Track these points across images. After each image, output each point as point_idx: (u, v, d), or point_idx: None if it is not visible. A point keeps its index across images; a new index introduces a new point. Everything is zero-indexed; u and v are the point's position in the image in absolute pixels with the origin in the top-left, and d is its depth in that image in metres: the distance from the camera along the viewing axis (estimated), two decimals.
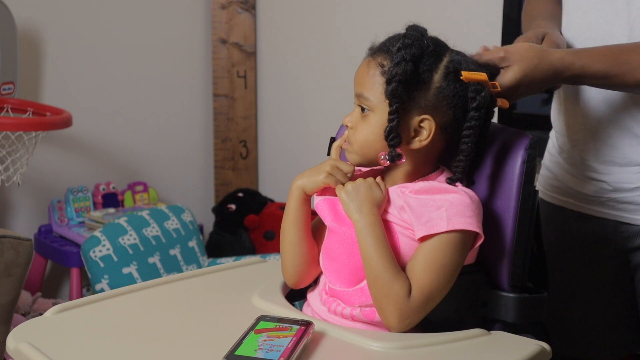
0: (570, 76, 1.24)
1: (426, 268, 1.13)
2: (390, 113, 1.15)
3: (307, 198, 1.25)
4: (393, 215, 1.18)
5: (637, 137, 1.38)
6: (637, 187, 1.41)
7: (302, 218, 1.25)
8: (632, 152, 1.39)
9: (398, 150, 1.17)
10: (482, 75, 1.16)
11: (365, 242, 1.15)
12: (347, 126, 1.22)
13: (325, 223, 1.24)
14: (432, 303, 1.14)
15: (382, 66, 1.16)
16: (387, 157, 1.17)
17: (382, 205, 1.18)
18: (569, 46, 1.42)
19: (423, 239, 1.14)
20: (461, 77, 1.15)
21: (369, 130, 1.19)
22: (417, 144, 1.18)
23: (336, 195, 1.21)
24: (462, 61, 1.17)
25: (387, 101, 1.15)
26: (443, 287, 1.14)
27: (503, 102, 1.21)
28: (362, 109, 1.19)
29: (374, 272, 1.13)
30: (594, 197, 1.46)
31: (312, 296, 1.28)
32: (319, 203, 1.25)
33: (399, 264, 1.14)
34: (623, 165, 1.41)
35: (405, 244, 1.17)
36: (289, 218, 1.26)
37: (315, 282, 1.30)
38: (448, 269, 1.14)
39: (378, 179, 1.22)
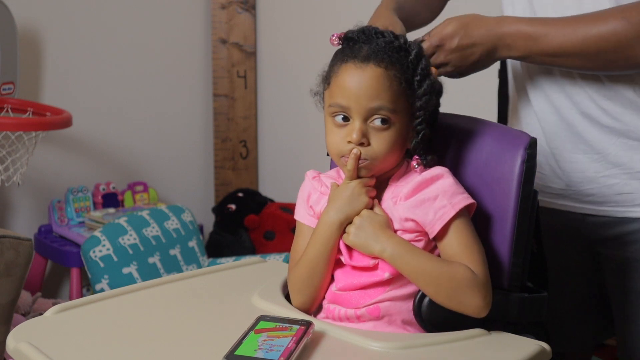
0: (504, 33, 1.30)
1: (466, 248, 1.15)
2: (420, 123, 1.18)
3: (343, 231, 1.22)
4: (399, 230, 1.19)
5: (600, 124, 1.39)
6: (602, 177, 1.41)
7: (335, 252, 1.22)
8: (596, 141, 1.40)
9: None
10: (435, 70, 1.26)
11: (404, 263, 1.15)
12: (360, 144, 1.17)
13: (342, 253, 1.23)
14: (489, 275, 1.16)
15: (398, 77, 1.16)
16: (423, 163, 1.19)
17: (390, 225, 1.18)
18: None
19: (440, 233, 1.16)
20: (432, 76, 1.21)
21: (392, 141, 1.18)
22: (413, 140, 1.20)
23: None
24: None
25: (406, 110, 1.17)
26: (485, 258, 1.17)
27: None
28: (383, 121, 1.16)
29: (433, 279, 1.14)
30: (561, 191, 1.46)
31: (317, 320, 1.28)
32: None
33: None
34: (588, 153, 1.41)
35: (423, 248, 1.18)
36: (324, 254, 1.21)
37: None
38: (478, 241, 1.17)
39: (375, 201, 1.21)
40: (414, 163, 1.20)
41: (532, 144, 1.20)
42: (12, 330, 1.14)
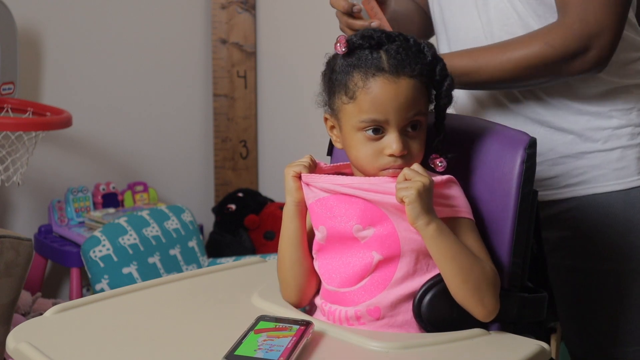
0: None
1: (482, 249, 1.19)
2: (442, 121, 1.22)
3: (303, 212, 1.25)
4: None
5: (524, 117, 1.44)
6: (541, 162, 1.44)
7: (300, 234, 1.25)
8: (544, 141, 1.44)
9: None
10: None
11: (442, 245, 1.14)
12: (403, 155, 1.17)
13: (320, 225, 1.22)
14: None
15: (425, 82, 1.19)
16: (445, 162, 1.21)
17: None
18: None
19: (456, 226, 1.18)
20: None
21: (423, 142, 1.20)
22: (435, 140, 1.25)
23: (329, 192, 1.20)
24: None
25: (427, 109, 1.20)
26: None
27: None
28: (415, 126, 1.18)
29: (465, 268, 1.14)
30: None
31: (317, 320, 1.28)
32: (314, 204, 1.23)
33: None
34: None
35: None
36: (285, 236, 1.26)
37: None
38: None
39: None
40: (438, 162, 1.21)
41: (531, 143, 1.20)
42: (12, 330, 1.15)
